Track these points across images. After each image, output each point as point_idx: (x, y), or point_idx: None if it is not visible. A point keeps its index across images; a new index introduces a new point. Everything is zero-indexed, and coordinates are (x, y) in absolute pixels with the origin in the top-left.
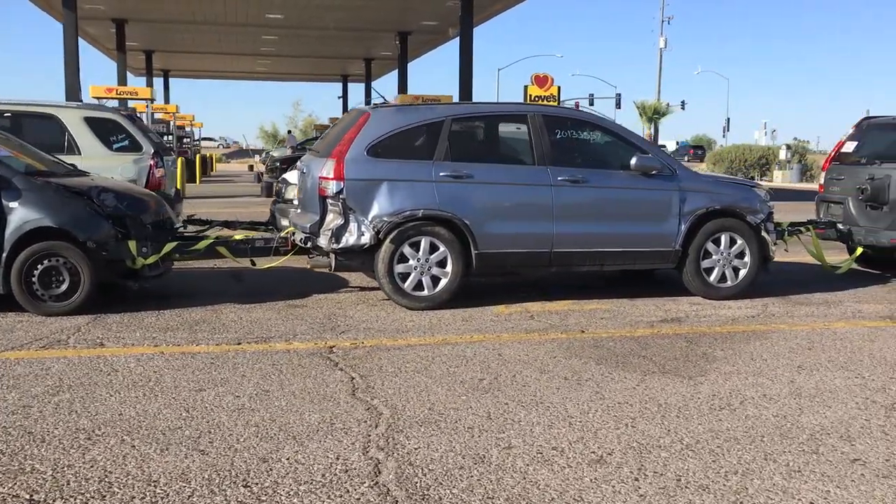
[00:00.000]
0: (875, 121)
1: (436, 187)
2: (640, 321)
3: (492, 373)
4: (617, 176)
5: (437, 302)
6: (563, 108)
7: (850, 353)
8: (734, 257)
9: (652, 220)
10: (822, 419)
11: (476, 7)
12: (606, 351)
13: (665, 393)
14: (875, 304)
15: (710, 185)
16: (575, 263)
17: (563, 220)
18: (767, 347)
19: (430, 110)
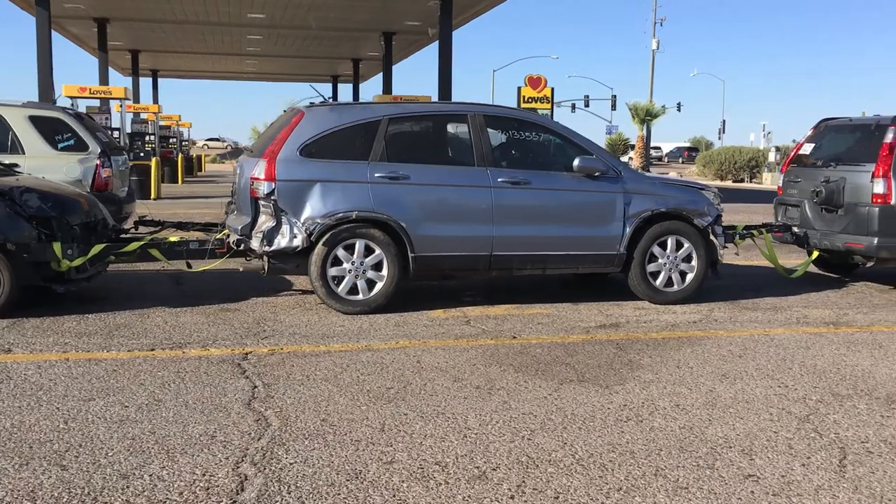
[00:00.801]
0: (833, 122)
1: (371, 188)
2: (577, 327)
3: (403, 381)
4: (560, 178)
5: (372, 306)
6: (504, 108)
7: (780, 360)
8: (681, 261)
9: (595, 222)
10: (730, 431)
11: (458, 7)
12: (531, 358)
13: (575, 403)
14: (823, 310)
15: (657, 188)
16: (516, 267)
17: (504, 223)
18: (698, 355)
19: (367, 110)
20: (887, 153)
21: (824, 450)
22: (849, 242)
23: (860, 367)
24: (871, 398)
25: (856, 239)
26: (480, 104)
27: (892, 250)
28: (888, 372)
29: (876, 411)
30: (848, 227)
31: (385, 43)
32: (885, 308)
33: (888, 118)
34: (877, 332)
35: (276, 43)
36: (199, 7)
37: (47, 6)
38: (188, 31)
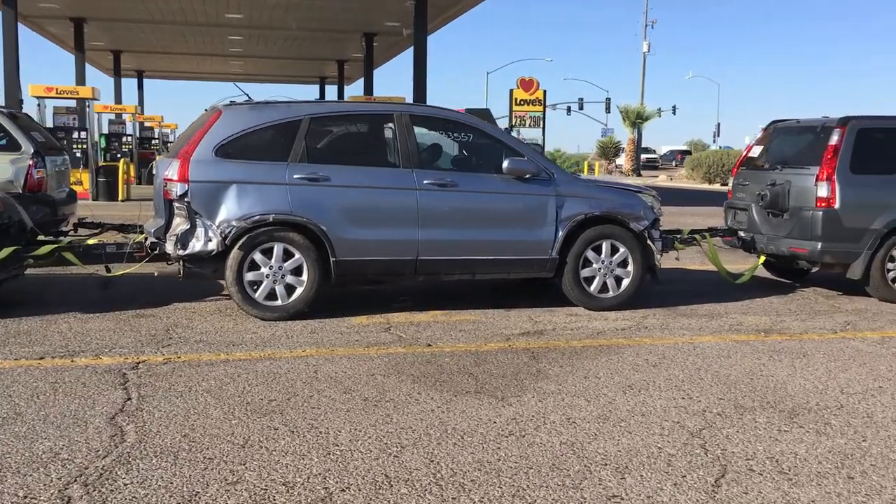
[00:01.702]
0: (782, 124)
1: (289, 190)
2: (500, 334)
3: (290, 392)
4: (489, 180)
5: (291, 312)
6: (432, 108)
7: (695, 370)
8: (616, 266)
9: (526, 226)
10: (612, 447)
11: (435, 9)
12: (435, 368)
13: (461, 417)
14: (760, 317)
15: (591, 191)
16: (443, 272)
17: (430, 227)
18: (612, 364)
19: (288, 109)
20: (831, 156)
21: (703, 468)
22: (793, 247)
23: (775, 378)
24: (775, 411)
25: (800, 244)
26: (407, 104)
27: (836, 255)
28: (802, 383)
29: (774, 425)
30: (792, 231)
31: (366, 44)
32: (824, 315)
33: (834, 120)
34: (807, 340)
35: (259, 44)
36: (175, 7)
37: (13, 5)
38: (168, 32)
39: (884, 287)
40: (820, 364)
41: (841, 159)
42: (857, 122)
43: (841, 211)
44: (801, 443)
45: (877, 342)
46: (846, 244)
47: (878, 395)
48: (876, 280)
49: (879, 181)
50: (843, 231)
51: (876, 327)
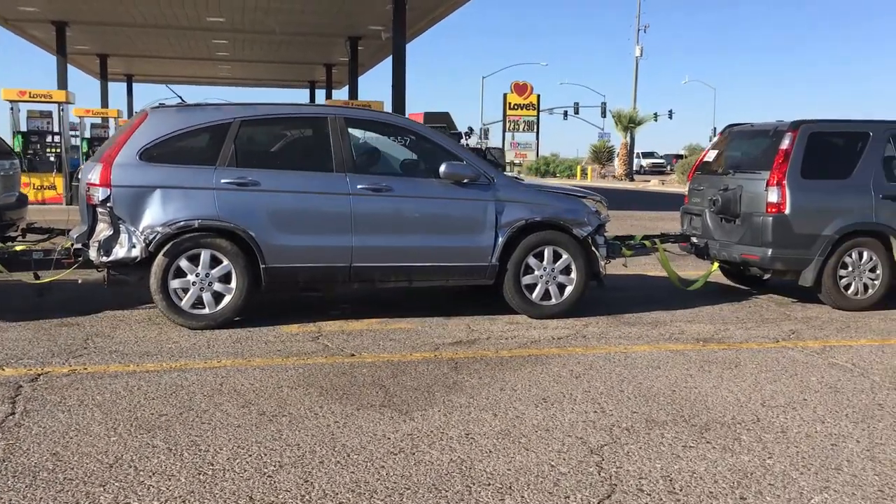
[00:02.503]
0: (737, 128)
1: (216, 195)
2: (430, 343)
3: (186, 407)
4: (426, 184)
5: (219, 321)
6: (368, 111)
7: (618, 382)
8: (559, 273)
9: (465, 232)
10: (503, 465)
11: (416, 13)
12: (349, 379)
13: (356, 432)
14: (705, 325)
15: (533, 196)
16: (379, 279)
17: (364, 233)
18: (534, 375)
19: (217, 111)
20: (782, 160)
21: (591, 487)
22: (744, 254)
23: (698, 390)
24: (687, 425)
25: (751, 250)
26: (342, 106)
27: (787, 262)
28: (725, 395)
29: (681, 441)
30: (744, 237)
31: (351, 48)
32: (771, 323)
33: (786, 123)
34: (744, 349)
35: (245, 48)
36: (156, 10)
37: None
38: (152, 35)
39: (836, 294)
40: (749, 375)
41: (792, 164)
42: (809, 125)
43: (791, 217)
44: (703, 460)
45: (816, 352)
46: (797, 250)
47: (800, 409)
48: (828, 287)
49: (831, 186)
50: (793, 237)
51: (820, 336)
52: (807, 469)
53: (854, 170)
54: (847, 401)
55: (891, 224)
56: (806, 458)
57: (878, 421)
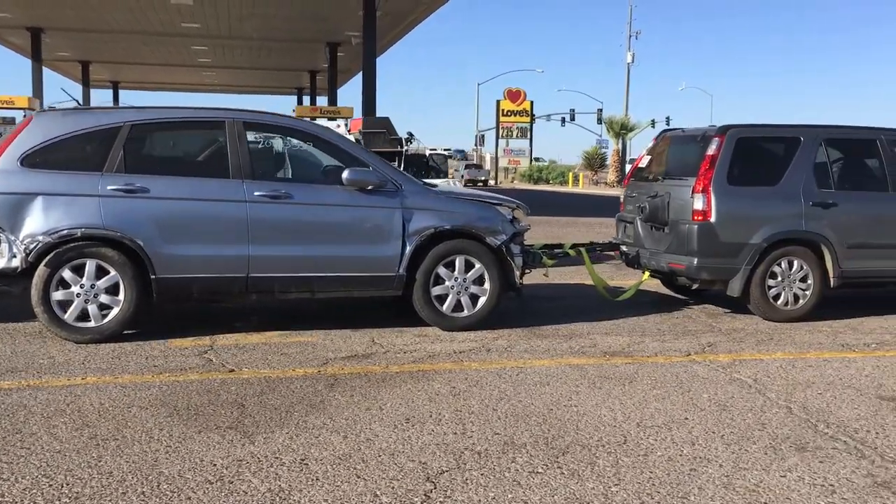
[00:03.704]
0: (670, 133)
1: (102, 203)
2: (321, 357)
3: (15, 429)
4: (328, 191)
5: (106, 334)
6: (269, 115)
7: (495, 400)
8: (471, 283)
9: (370, 241)
10: (322, 496)
11: (393, 17)
12: (210, 398)
13: (183, 458)
14: (622, 337)
15: (443, 203)
16: (279, 290)
17: (262, 242)
18: (412, 392)
19: (107, 115)
20: (708, 166)
21: None
22: (671, 262)
23: (577, 409)
24: (547, 448)
25: (677, 259)
26: (241, 110)
27: (713, 271)
28: (603, 415)
29: (530, 466)
30: (671, 246)
31: (330, 54)
32: (692, 335)
33: (714, 129)
34: (649, 363)
35: (226, 54)
36: (130, 17)
37: None
38: (132, 42)
39: (764, 305)
40: (640, 391)
41: (718, 170)
42: (737, 130)
43: (717, 224)
44: (544, 487)
45: (723, 366)
46: (724, 259)
47: (676, 429)
48: (756, 298)
49: (759, 193)
50: (719, 246)
51: (736, 349)
52: (650, 498)
53: (783, 176)
54: (730, 420)
55: (822, 232)
56: (656, 485)
57: (754, 443)
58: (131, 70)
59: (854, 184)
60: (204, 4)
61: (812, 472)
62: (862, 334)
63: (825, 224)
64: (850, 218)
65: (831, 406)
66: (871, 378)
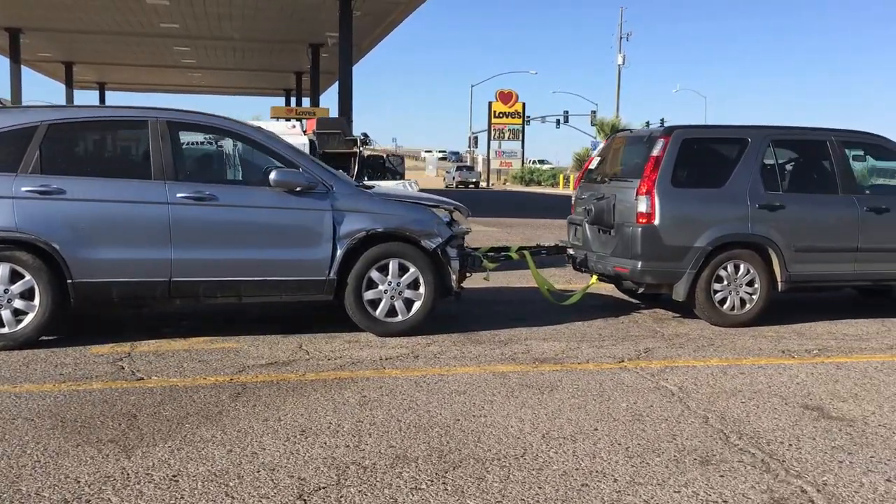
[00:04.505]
0: (620, 134)
1: (15, 205)
2: (238, 365)
3: None
4: (255, 193)
5: (20, 341)
6: (195, 114)
7: (402, 410)
8: (405, 288)
9: (299, 244)
10: None
11: (372, 17)
12: (104, 409)
13: (47, 475)
14: (558, 343)
15: (376, 205)
16: (203, 294)
17: (185, 245)
18: (319, 402)
19: (22, 114)
20: (652, 168)
21: None
22: (617, 266)
23: (486, 420)
24: (440, 462)
25: (622, 262)
26: (166, 109)
27: (658, 275)
28: (511, 425)
29: (415, 482)
30: (616, 249)
31: (312, 55)
32: (632, 341)
33: (660, 129)
34: (578, 371)
35: (209, 55)
36: (108, 17)
37: None
38: (114, 43)
39: (710, 309)
40: (558, 401)
41: (662, 172)
42: (682, 131)
43: (661, 227)
44: None
45: (653, 373)
46: (668, 263)
47: (582, 441)
48: (701, 302)
49: (704, 195)
50: (663, 249)
51: (672, 356)
52: None
53: (729, 178)
54: (641, 431)
55: (768, 235)
56: (540, 503)
57: (658, 455)
58: (117, 71)
59: (803, 186)
60: (181, 4)
61: (709, 487)
62: (807, 340)
63: (772, 227)
64: (798, 220)
65: (751, 416)
66: (802, 386)
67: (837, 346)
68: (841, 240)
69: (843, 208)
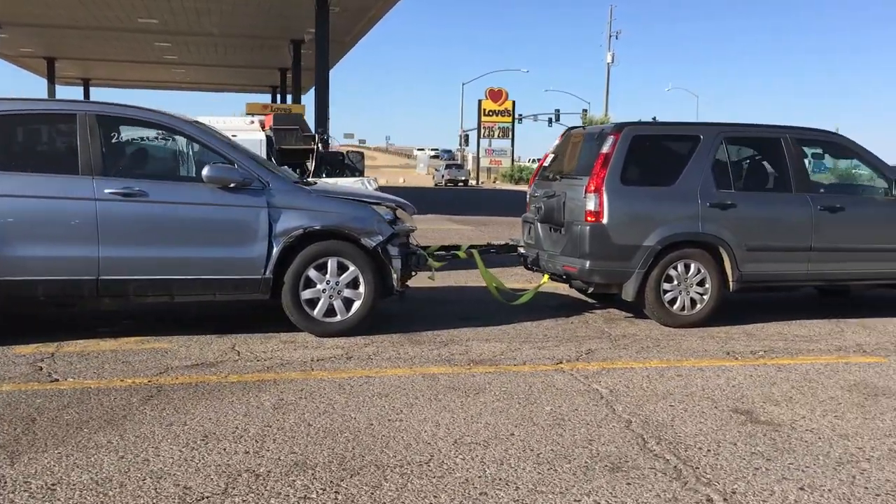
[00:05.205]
0: (574, 131)
1: None
2: (161, 366)
3: None
4: (189, 189)
5: None
6: (126, 107)
7: (317, 414)
8: (345, 287)
9: (232, 242)
10: None
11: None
12: (2, 412)
13: None
14: (498, 344)
15: (314, 202)
16: (134, 293)
17: (113, 242)
18: (232, 405)
19: None
20: (602, 165)
21: None
22: (566, 265)
23: (401, 424)
24: (339, 469)
25: (571, 261)
26: (95, 102)
27: (606, 274)
28: (424, 430)
29: (307, 490)
30: (566, 248)
31: (294, 52)
32: (576, 342)
33: (611, 126)
34: (512, 372)
35: (191, 51)
36: (84, 12)
37: None
38: (94, 38)
39: (659, 310)
40: (481, 404)
41: (612, 169)
42: (633, 128)
43: (610, 226)
44: None
45: (588, 375)
46: (617, 262)
47: (493, 447)
48: (650, 302)
49: (654, 193)
50: (612, 248)
51: (613, 357)
52: None
53: (680, 176)
54: (557, 436)
55: (719, 234)
56: None
57: (568, 462)
58: (101, 67)
59: (755, 184)
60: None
61: (612, 496)
62: (755, 341)
63: (723, 226)
64: (750, 219)
65: (676, 420)
66: (737, 388)
67: (784, 348)
68: (794, 239)
69: (796, 207)
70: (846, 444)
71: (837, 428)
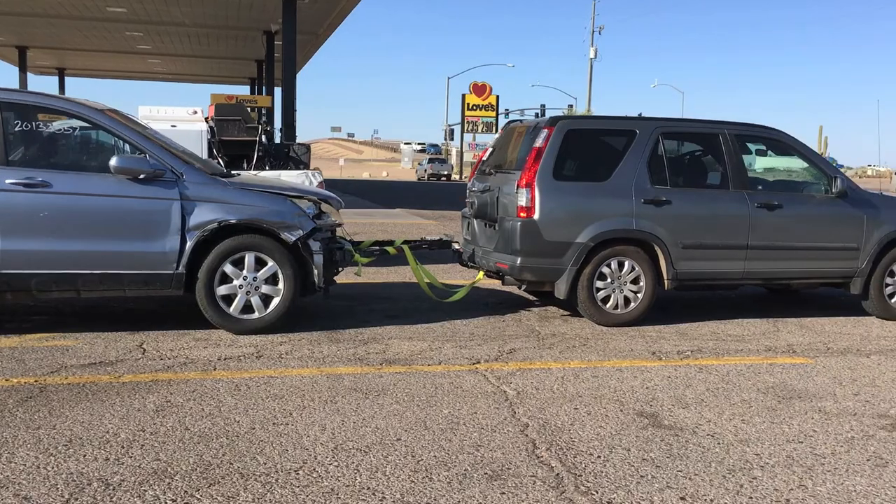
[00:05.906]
0: (513, 124)
1: None
2: (56, 364)
3: None
4: (96, 180)
5: None
6: (27, 94)
7: (200, 417)
8: (263, 283)
9: (142, 235)
10: None
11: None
12: None
13: None
14: (419, 343)
15: (230, 195)
16: (36, 288)
17: (14, 235)
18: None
19: None
20: (534, 160)
21: None
22: (498, 262)
23: (284, 429)
24: (198, 478)
25: (503, 258)
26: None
27: (537, 272)
28: (306, 435)
29: (167, 498)
30: (498, 244)
31: (267, 42)
32: (500, 341)
33: (546, 119)
34: (423, 373)
35: (164, 41)
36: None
37: None
38: (64, 27)
39: (592, 308)
40: (378, 406)
41: (544, 164)
42: (567, 122)
43: (541, 222)
44: None
45: (500, 376)
46: (549, 259)
47: (375, 453)
48: (583, 300)
49: (587, 189)
50: (544, 245)
51: (534, 357)
52: None
53: (614, 171)
54: (447, 442)
55: (654, 231)
56: None
57: (448, 469)
58: (75, 57)
59: (692, 180)
60: None
61: None
62: (686, 340)
63: (658, 223)
64: (686, 216)
65: (576, 424)
66: (649, 391)
67: (714, 348)
68: (730, 237)
69: (732, 204)
70: (744, 451)
71: (740, 433)
